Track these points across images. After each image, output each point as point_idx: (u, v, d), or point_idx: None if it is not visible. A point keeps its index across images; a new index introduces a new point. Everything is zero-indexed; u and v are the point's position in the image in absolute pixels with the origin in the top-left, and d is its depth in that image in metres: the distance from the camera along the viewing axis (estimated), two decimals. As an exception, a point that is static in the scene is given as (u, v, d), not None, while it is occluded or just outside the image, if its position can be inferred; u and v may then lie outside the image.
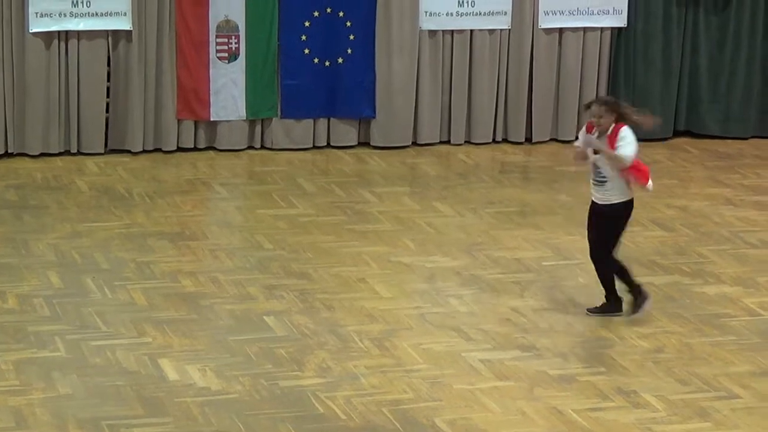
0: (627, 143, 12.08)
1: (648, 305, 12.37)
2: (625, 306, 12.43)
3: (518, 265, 13.63)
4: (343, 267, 13.45)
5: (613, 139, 12.02)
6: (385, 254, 13.78)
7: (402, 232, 14.46)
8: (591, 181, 12.27)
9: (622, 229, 12.39)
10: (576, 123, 17.80)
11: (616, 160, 11.96)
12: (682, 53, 18.11)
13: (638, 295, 12.35)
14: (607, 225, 12.35)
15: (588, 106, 12.25)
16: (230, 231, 14.79)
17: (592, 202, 12.35)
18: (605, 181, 12.15)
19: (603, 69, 17.94)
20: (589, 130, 12.15)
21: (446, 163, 17.01)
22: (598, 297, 12.98)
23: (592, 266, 13.43)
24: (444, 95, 17.51)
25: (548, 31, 17.64)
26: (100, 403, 10.52)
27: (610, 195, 12.21)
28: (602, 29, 17.83)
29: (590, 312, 12.45)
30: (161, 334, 11.77)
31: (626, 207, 12.34)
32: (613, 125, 12.02)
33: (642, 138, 17.64)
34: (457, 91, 17.48)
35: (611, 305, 12.42)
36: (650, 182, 12.39)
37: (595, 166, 12.14)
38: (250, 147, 17.07)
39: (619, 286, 12.36)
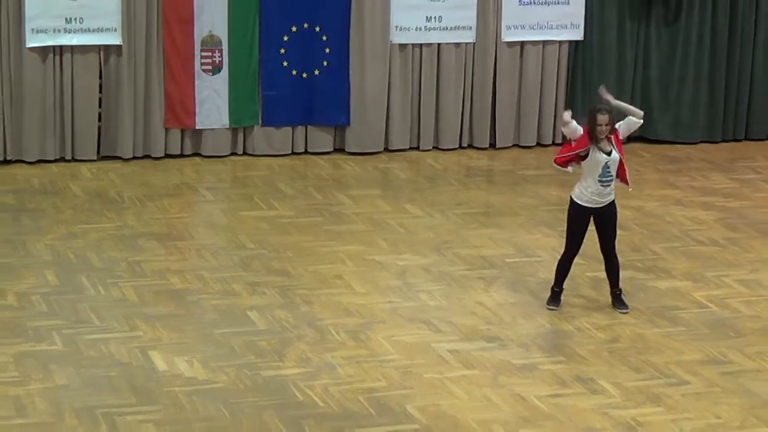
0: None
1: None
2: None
3: (483, 261, 13.65)
4: (320, 265, 13.46)
5: (618, 142, 12.19)
6: (359, 253, 13.80)
7: (375, 232, 14.48)
8: (597, 183, 12.16)
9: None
10: (536, 130, 17.85)
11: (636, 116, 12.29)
12: (635, 65, 18.15)
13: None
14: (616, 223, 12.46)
15: (596, 113, 12.13)
16: (215, 232, 14.78)
17: (592, 207, 12.25)
18: (611, 182, 12.17)
19: (561, 80, 17.95)
20: (594, 139, 12.11)
21: (416, 168, 17.02)
22: (547, 294, 13.00)
23: (553, 263, 13.47)
24: (413, 104, 17.54)
25: (510, 44, 17.66)
26: (95, 392, 10.52)
27: (612, 195, 12.25)
28: (560, 42, 17.85)
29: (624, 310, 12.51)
30: (151, 328, 11.77)
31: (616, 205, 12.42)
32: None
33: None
34: (426, 100, 17.49)
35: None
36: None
37: (606, 167, 12.12)
38: (233, 153, 17.05)
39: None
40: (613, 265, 12.52)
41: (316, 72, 17.13)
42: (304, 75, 17.09)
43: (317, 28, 17.01)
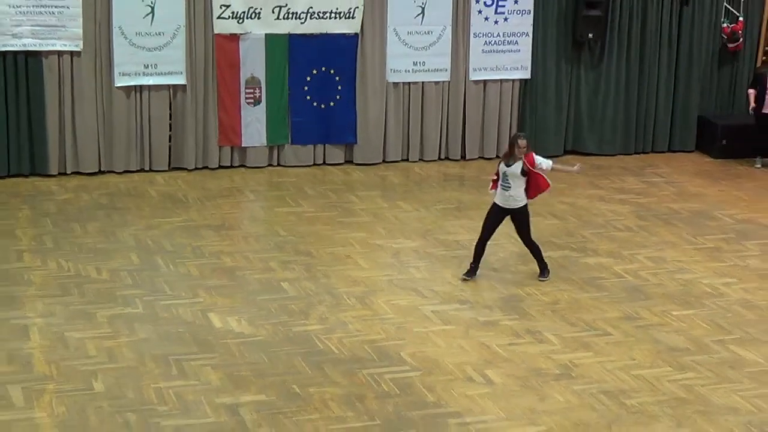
0: (543, 160, 12.29)
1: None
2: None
3: (457, 245, 13.67)
4: (335, 247, 13.47)
5: (532, 161, 12.11)
6: (364, 238, 13.81)
7: (376, 223, 14.49)
8: (500, 188, 12.26)
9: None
10: (496, 145, 17.78)
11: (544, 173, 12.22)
12: (569, 96, 18.13)
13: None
14: (526, 222, 12.44)
15: (517, 139, 12.13)
16: (256, 223, 14.80)
17: (502, 207, 12.32)
18: (509, 188, 12.18)
19: (514, 107, 17.91)
20: (506, 156, 12.19)
21: (406, 175, 17.01)
22: (512, 265, 13.02)
23: (508, 245, 13.47)
24: (404, 127, 17.51)
25: (476, 82, 17.61)
26: (168, 344, 10.56)
27: (518, 202, 12.27)
28: (513, 80, 17.79)
29: (543, 279, 12.50)
30: (209, 296, 11.80)
31: (526, 209, 12.39)
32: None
33: (541, 154, 17.76)
34: (413, 124, 17.47)
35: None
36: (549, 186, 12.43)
37: (505, 176, 12.18)
38: (270, 164, 17.03)
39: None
40: (533, 250, 12.53)
41: (331, 103, 17.10)
42: (322, 106, 17.06)
43: (332, 71, 16.98)
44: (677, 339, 11.05)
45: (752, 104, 17.50)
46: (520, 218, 12.36)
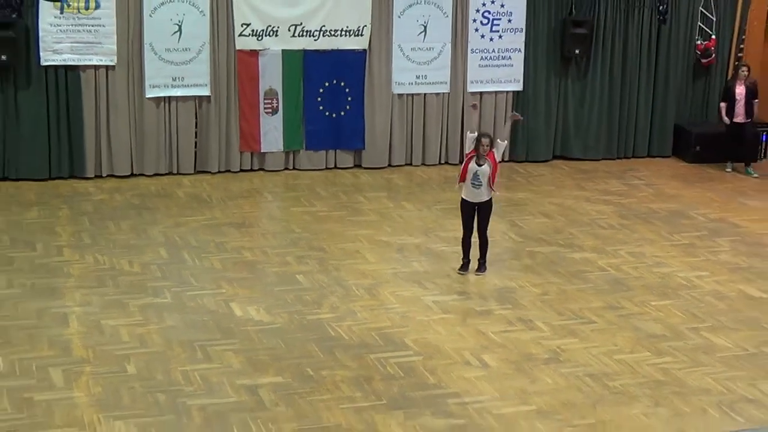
0: (496, 148, 12.29)
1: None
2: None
3: (456, 241, 13.58)
4: (345, 243, 13.45)
5: (493, 161, 12.16)
6: (372, 235, 13.79)
7: (382, 221, 14.47)
8: (470, 185, 12.20)
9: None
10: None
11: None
12: (557, 106, 18.09)
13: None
14: (489, 216, 12.40)
15: (481, 136, 12.15)
16: (274, 221, 14.79)
17: (471, 201, 12.25)
18: (480, 186, 12.15)
19: (508, 117, 17.84)
20: (478, 157, 12.15)
21: (409, 177, 16.98)
22: (506, 260, 12.99)
23: (502, 242, 13.45)
24: (408, 134, 17.47)
25: (473, 93, 17.54)
26: (194, 331, 10.57)
27: (485, 196, 12.22)
28: (507, 92, 17.76)
29: (480, 273, 12.40)
30: (231, 287, 11.80)
31: (491, 202, 12.35)
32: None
33: (532, 160, 17.86)
34: (416, 131, 17.44)
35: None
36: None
37: (476, 175, 12.15)
38: (286, 168, 17.02)
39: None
40: (483, 244, 12.44)
41: (342, 113, 17.07)
42: (334, 115, 17.04)
43: (342, 84, 16.95)
44: (655, 327, 11.03)
45: (723, 118, 17.52)
46: (487, 210, 12.34)
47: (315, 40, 16.67)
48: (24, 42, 15.54)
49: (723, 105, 17.59)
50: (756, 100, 17.36)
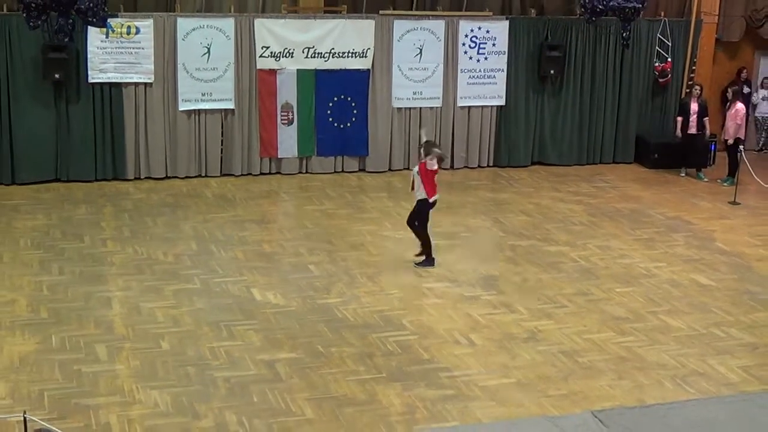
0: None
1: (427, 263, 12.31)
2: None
3: (448, 235, 13.64)
4: (351, 237, 13.43)
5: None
6: (374, 230, 13.77)
7: (384, 218, 14.45)
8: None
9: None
10: (477, 157, 17.75)
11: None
12: (535, 119, 18.06)
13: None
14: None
15: (430, 147, 12.10)
16: (289, 218, 14.76)
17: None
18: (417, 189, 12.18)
19: (492, 128, 17.83)
20: (440, 161, 12.14)
21: (407, 180, 16.84)
22: (490, 252, 12.96)
23: (488, 236, 13.42)
24: (406, 142, 17.42)
25: (462, 107, 17.53)
26: (219, 312, 10.55)
27: (418, 195, 12.18)
28: (491, 106, 17.72)
29: (417, 265, 12.23)
30: (252, 275, 11.78)
31: (425, 203, 12.21)
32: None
33: (514, 165, 17.83)
34: (413, 140, 17.33)
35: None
36: (434, 197, 12.23)
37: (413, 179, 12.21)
38: (300, 172, 16.99)
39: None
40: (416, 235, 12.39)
41: (348, 124, 17.04)
42: (341, 126, 17.01)
43: (349, 98, 16.92)
44: (619, 310, 11.01)
45: (678, 130, 17.55)
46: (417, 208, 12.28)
47: (325, 60, 16.64)
48: (75, 63, 15.53)
49: (679, 119, 17.61)
50: (706, 118, 17.41)
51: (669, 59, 18.37)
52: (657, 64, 18.40)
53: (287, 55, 16.46)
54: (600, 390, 9.00)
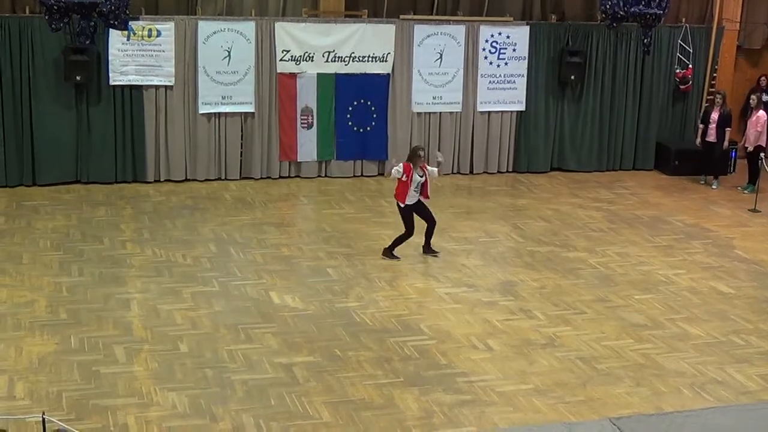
0: (433, 169, 12.68)
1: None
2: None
3: (465, 240, 13.63)
4: (369, 241, 13.42)
5: (426, 172, 12.47)
6: (392, 235, 13.66)
7: (402, 223, 14.39)
8: (413, 192, 12.38)
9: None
10: (497, 162, 17.74)
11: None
12: (555, 125, 18.01)
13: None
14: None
15: (418, 150, 12.39)
16: (308, 222, 14.78)
17: (412, 204, 12.43)
18: (418, 192, 12.43)
19: (512, 133, 17.81)
20: (419, 168, 12.33)
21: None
22: (509, 258, 12.94)
23: (506, 242, 13.42)
24: (424, 147, 17.39)
25: (482, 113, 17.52)
26: (237, 315, 10.57)
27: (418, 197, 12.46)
28: (511, 111, 17.70)
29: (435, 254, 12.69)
30: (271, 278, 11.80)
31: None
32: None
33: (533, 171, 17.79)
34: (432, 145, 17.33)
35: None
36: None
37: (418, 184, 12.38)
38: (319, 176, 17.01)
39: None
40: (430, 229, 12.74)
41: (368, 128, 17.04)
42: (361, 130, 17.02)
43: (368, 103, 16.93)
44: (638, 317, 10.98)
45: (698, 138, 17.50)
46: (423, 205, 12.56)
47: (345, 65, 16.66)
48: (96, 65, 15.59)
49: (700, 126, 17.56)
50: (728, 129, 17.33)
51: (690, 66, 18.30)
52: (678, 71, 18.34)
53: (307, 59, 16.49)
54: (618, 397, 8.97)
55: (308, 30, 16.43)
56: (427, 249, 12.84)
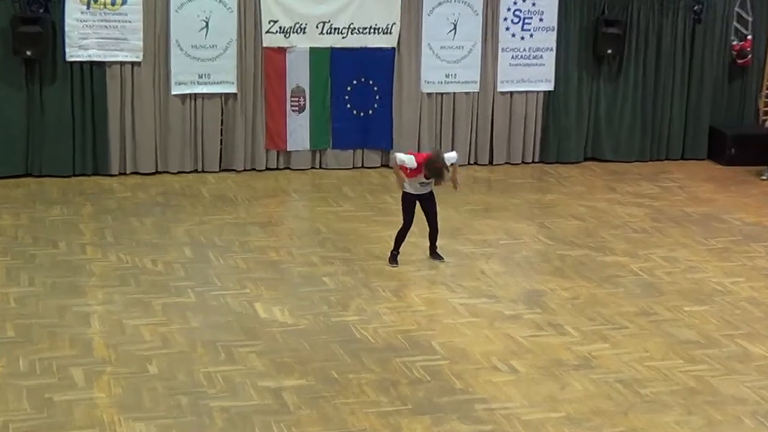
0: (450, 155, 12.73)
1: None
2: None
3: (484, 243, 13.60)
4: (371, 244, 13.40)
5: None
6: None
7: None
8: (418, 185, 12.44)
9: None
10: (521, 152, 17.73)
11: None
12: (589, 107, 18.00)
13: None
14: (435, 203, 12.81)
15: (443, 170, 12.27)
16: (299, 221, 14.78)
17: (419, 194, 12.51)
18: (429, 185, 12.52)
19: (538, 117, 17.81)
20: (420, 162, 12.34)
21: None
22: (535, 263, 12.92)
23: (532, 244, 13.41)
24: (436, 134, 17.38)
25: (503, 93, 17.51)
26: (217, 331, 10.55)
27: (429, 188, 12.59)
28: (538, 92, 17.70)
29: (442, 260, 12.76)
30: (255, 287, 11.78)
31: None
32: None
33: (563, 161, 17.76)
34: (445, 131, 17.38)
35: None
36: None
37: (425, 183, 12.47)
38: (312, 167, 17.01)
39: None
40: (436, 230, 12.80)
41: (369, 111, 17.05)
42: (361, 114, 17.02)
43: (370, 82, 16.92)
44: (689, 333, 10.92)
45: (761, 120, 17.40)
46: (432, 199, 12.67)
47: (343, 37, 16.64)
48: (50, 37, 15.57)
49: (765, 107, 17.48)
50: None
51: (749, 36, 18.27)
52: (734, 43, 18.31)
53: (298, 30, 16.47)
54: (665, 427, 8.92)
55: (299, -4, 16.47)
56: (433, 254, 12.84)
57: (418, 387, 9.46)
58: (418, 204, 12.61)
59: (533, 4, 17.40)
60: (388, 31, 16.84)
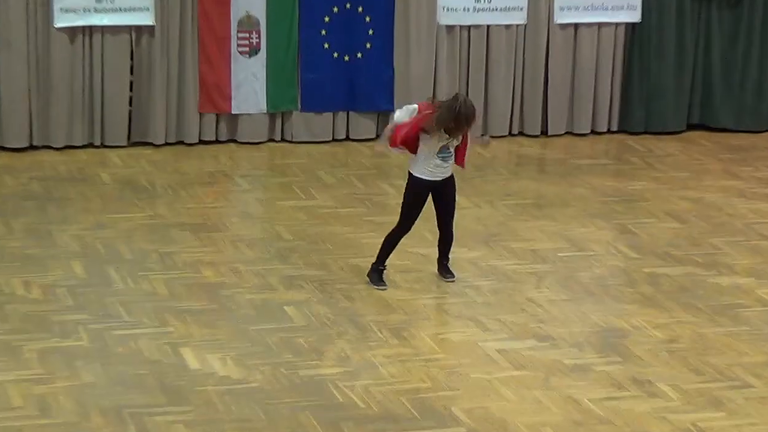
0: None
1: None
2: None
3: (534, 256, 13.59)
4: (361, 258, 13.39)
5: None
6: (402, 245, 13.61)
7: (419, 224, 14.25)
8: (437, 160, 12.48)
9: None
10: (591, 117, 17.82)
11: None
12: (696, 48, 18.08)
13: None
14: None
15: (471, 115, 12.30)
16: (251, 222, 14.78)
17: (435, 180, 12.56)
18: (450, 157, 12.56)
19: (617, 64, 17.92)
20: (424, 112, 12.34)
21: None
22: (613, 287, 12.94)
23: (607, 258, 13.41)
24: (461, 88, 17.40)
25: (563, 26, 17.61)
26: (123, 391, 10.50)
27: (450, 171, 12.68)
28: (617, 24, 17.80)
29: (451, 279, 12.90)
30: (182, 324, 11.76)
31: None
32: None
33: (655, 131, 17.81)
34: (474, 85, 17.44)
35: None
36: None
37: (447, 147, 12.44)
38: (271, 140, 17.06)
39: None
40: (450, 238, 12.94)
41: (359, 55, 17.12)
42: (346, 58, 17.08)
43: (360, 9, 16.99)
44: None
45: None
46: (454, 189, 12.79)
47: (318, -60, 16.75)
48: None
49: None
50: None
51: None
52: None
53: (248, -71, 16.58)
54: None
55: None
56: (442, 269, 12.90)
57: (433, 477, 9.51)
58: (430, 196, 12.58)
59: None
60: (387, -69, 16.99)
